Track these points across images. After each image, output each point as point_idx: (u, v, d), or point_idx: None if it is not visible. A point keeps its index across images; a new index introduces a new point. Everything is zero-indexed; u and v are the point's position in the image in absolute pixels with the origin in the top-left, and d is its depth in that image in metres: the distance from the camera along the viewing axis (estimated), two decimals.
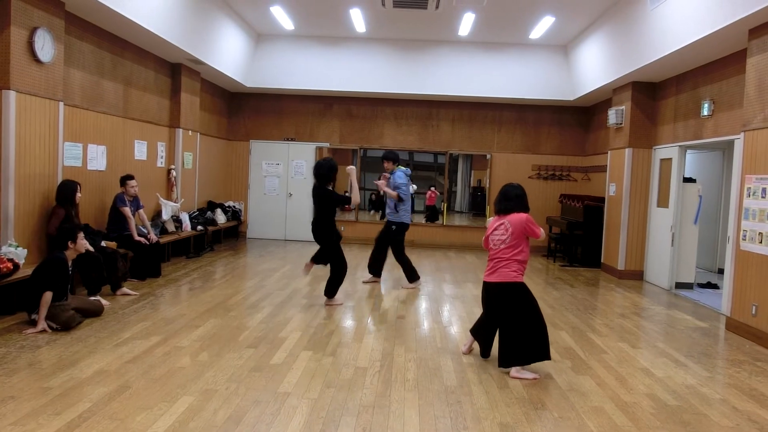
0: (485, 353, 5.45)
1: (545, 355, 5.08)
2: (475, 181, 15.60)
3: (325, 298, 7.51)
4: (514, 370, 5.03)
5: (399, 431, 3.87)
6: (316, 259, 7.60)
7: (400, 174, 8.62)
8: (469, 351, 5.60)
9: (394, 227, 8.63)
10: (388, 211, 8.77)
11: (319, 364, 5.15)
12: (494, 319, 5.27)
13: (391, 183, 8.62)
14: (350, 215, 14.79)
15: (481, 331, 5.46)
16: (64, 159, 7.45)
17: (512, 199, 5.28)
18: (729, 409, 4.53)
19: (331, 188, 7.31)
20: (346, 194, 8.41)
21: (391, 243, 8.73)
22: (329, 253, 7.31)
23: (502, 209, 5.30)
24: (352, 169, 7.53)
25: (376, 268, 9.03)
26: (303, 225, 14.22)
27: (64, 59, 7.32)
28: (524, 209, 5.27)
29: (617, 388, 4.84)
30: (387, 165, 8.74)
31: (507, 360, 5.08)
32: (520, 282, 5.15)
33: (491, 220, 5.43)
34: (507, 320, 5.11)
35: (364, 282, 9.00)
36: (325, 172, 7.21)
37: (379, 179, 8.78)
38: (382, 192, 8.81)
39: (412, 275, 8.77)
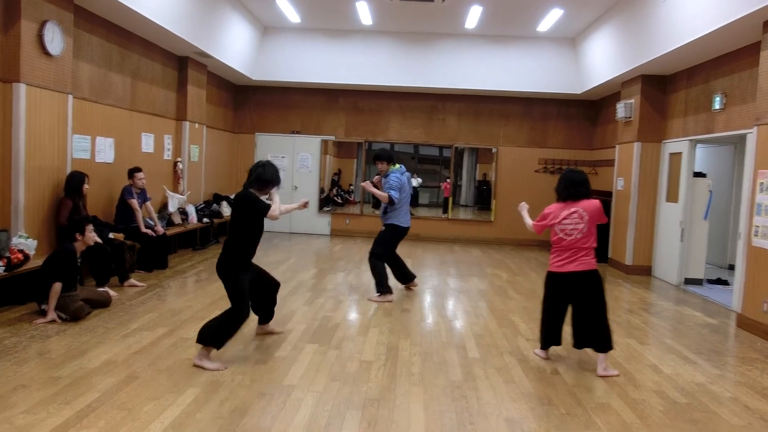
0: (559, 341, 5.33)
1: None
2: (481, 175, 15.56)
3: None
4: (601, 369, 4.99)
5: (404, 425, 3.86)
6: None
7: (395, 176, 7.44)
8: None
9: (383, 228, 7.61)
10: (382, 215, 7.63)
11: (324, 357, 5.15)
12: (564, 308, 5.17)
13: (384, 185, 7.50)
14: (355, 209, 14.79)
15: (551, 327, 5.28)
16: (73, 151, 7.46)
17: (582, 184, 5.06)
18: (740, 407, 4.49)
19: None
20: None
21: (376, 241, 7.66)
22: (228, 288, 4.93)
23: (573, 195, 5.05)
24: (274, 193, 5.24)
25: (403, 276, 8.08)
26: (308, 218, 14.26)
27: (73, 52, 7.32)
28: (591, 194, 5.14)
29: (625, 385, 4.82)
30: (381, 166, 7.52)
31: (606, 344, 5.01)
32: (597, 269, 5.07)
33: (551, 208, 5.15)
34: (594, 306, 5.00)
35: (407, 288, 8.18)
36: (262, 174, 5.03)
37: (367, 180, 7.70)
38: (370, 192, 7.67)
39: (382, 286, 7.49)
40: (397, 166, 7.61)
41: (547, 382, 4.80)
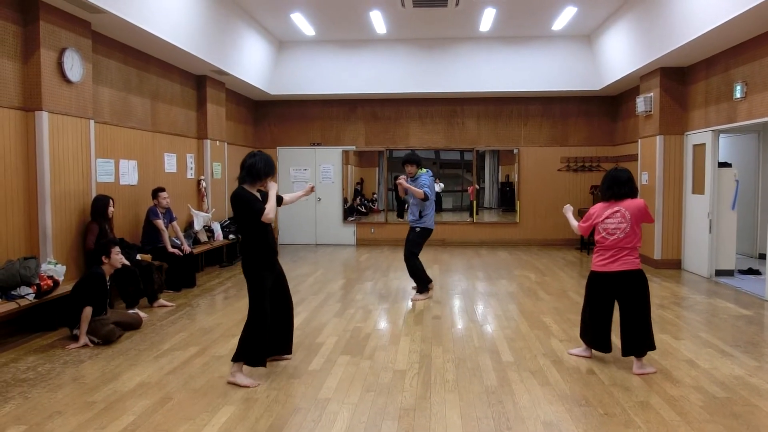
0: (608, 347, 5.22)
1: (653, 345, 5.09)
2: (504, 177, 15.48)
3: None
4: (637, 367, 4.94)
5: None
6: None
7: (426, 177, 7.85)
8: (591, 354, 5.42)
9: (417, 229, 7.93)
10: (411, 218, 8.03)
11: (357, 368, 5.13)
12: (610, 309, 5.14)
13: (417, 184, 7.79)
14: (380, 217, 14.79)
15: (596, 329, 5.22)
16: (97, 175, 7.56)
17: (626, 184, 5.01)
18: None
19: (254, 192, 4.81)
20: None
21: (408, 243, 7.99)
22: (249, 294, 4.85)
23: (616, 194, 5.03)
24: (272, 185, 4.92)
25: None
26: (333, 229, 14.31)
27: (93, 77, 7.42)
28: (636, 194, 5.11)
29: (662, 382, 4.74)
30: (410, 169, 7.91)
31: (641, 348, 4.97)
32: (641, 269, 5.06)
33: (595, 208, 5.16)
34: (636, 306, 4.97)
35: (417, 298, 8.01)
36: (253, 165, 4.75)
37: (397, 179, 7.94)
38: (402, 193, 7.91)
39: (424, 283, 8.01)
40: (424, 170, 7.96)
41: (584, 382, 4.74)
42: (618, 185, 5.02)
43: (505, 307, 7.46)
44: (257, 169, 4.72)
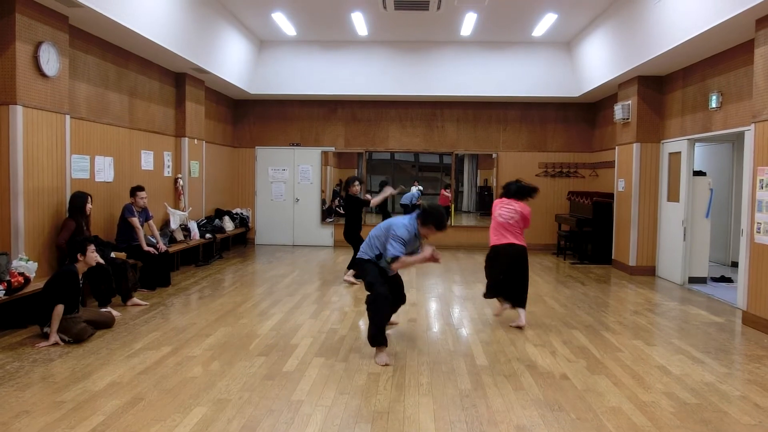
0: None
1: None
2: (482, 181, 15.55)
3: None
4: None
5: None
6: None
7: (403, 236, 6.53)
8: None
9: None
10: None
11: (331, 370, 5.11)
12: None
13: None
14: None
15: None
16: (72, 171, 7.46)
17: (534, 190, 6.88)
18: (750, 406, 4.46)
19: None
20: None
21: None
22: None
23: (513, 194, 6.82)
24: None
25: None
26: (310, 230, 14.25)
27: (70, 72, 7.33)
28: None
29: (634, 387, 4.78)
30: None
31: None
32: None
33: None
34: None
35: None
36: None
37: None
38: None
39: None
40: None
41: (557, 387, 4.77)
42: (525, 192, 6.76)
43: (481, 311, 7.48)
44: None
